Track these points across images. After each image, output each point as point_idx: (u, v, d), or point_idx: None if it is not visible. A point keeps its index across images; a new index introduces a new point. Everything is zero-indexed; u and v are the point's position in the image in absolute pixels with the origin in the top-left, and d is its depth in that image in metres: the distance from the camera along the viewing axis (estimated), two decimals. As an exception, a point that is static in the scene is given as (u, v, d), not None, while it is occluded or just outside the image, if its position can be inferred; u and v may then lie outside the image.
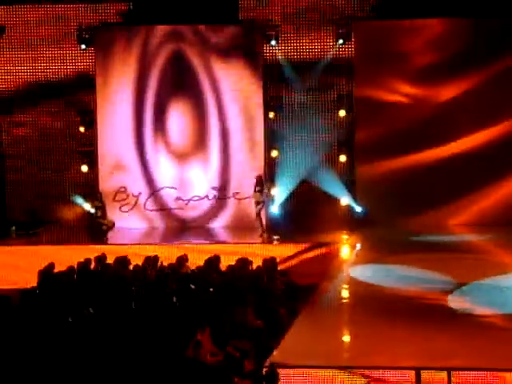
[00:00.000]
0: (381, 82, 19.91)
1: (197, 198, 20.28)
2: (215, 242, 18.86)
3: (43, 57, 20.46)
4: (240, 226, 20.04)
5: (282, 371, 9.57)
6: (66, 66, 20.48)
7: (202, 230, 20.01)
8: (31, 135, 20.83)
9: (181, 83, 20.13)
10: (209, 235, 19.68)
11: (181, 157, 20.32)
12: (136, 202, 20.28)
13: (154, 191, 20.33)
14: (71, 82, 20.48)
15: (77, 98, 20.58)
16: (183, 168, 20.32)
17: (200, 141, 20.26)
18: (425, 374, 10.05)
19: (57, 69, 20.47)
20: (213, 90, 20.08)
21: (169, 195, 20.35)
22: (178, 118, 20.25)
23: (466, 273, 15.07)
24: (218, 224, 20.24)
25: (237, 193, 20.12)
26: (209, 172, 20.26)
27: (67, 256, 16.57)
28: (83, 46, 20.33)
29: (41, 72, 20.49)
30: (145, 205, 20.34)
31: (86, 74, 20.43)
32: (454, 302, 13.58)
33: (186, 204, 20.29)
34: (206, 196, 20.24)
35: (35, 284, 13.72)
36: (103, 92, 20.27)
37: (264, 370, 9.93)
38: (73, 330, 10.79)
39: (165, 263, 15.09)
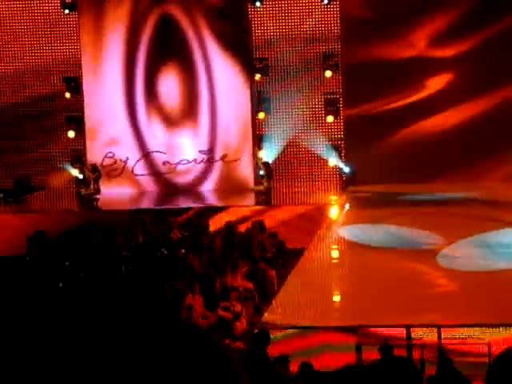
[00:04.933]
0: (368, 42, 19.81)
1: (185, 162, 20.23)
2: (204, 205, 18.85)
3: (26, 23, 20.32)
4: (229, 189, 20.04)
5: (272, 332, 9.60)
6: (50, 30, 20.31)
7: (191, 194, 19.99)
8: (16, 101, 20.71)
9: (169, 46, 19.98)
10: (197, 198, 19.67)
11: (168, 120, 20.24)
12: (124, 167, 20.22)
13: (141, 156, 20.27)
14: (55, 47, 20.33)
15: (62, 64, 20.42)
16: (171, 132, 20.25)
17: (187, 104, 20.17)
18: (415, 331, 10.13)
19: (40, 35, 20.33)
20: (200, 53, 19.96)
21: (157, 159, 20.29)
22: (167, 82, 20.13)
23: (455, 230, 15.13)
24: (207, 187, 20.21)
25: (225, 155, 20.08)
26: (196, 135, 20.20)
27: (56, 222, 16.55)
28: (66, 11, 20.16)
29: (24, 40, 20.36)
30: (133, 170, 20.30)
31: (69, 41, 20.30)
32: (443, 259, 13.65)
33: (174, 168, 20.25)
34: (194, 160, 20.20)
35: (24, 251, 13.72)
36: (88, 57, 20.13)
37: (255, 331, 9.98)
38: (64, 295, 10.81)
39: (154, 228, 15.11)
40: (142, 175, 20.30)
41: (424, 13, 19.47)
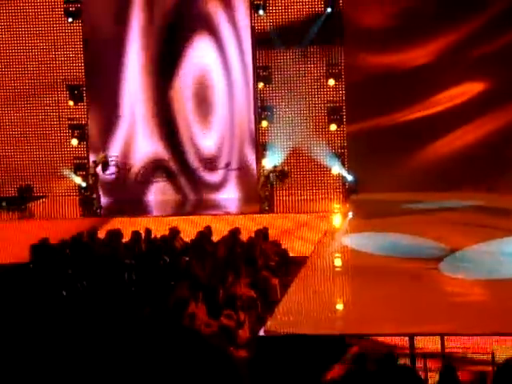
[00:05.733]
0: (371, 50, 19.81)
1: (189, 170, 20.23)
2: (206, 213, 18.84)
3: (30, 31, 20.36)
4: (232, 197, 20.05)
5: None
6: (54, 39, 20.34)
7: (194, 202, 19.99)
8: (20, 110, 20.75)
9: (175, 52, 20.02)
10: (200, 206, 19.66)
11: (171, 128, 20.25)
12: (127, 174, 20.22)
13: (145, 163, 20.27)
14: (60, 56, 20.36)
15: (66, 71, 20.47)
16: (174, 139, 20.25)
17: (191, 112, 20.18)
18: (418, 340, 10.11)
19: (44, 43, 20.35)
20: (206, 62, 19.98)
21: (159, 167, 20.29)
22: (167, 88, 20.15)
23: (458, 239, 15.11)
24: (210, 195, 20.21)
25: (228, 163, 20.09)
26: (199, 143, 20.20)
27: (59, 230, 16.56)
28: (70, 19, 20.20)
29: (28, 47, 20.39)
30: (136, 177, 20.30)
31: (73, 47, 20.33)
32: (446, 268, 13.63)
33: (178, 175, 20.25)
34: (197, 167, 20.21)
35: (28, 259, 13.72)
36: (91, 65, 20.16)
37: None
38: (67, 304, 10.81)
39: (157, 235, 15.09)
40: (144, 182, 20.30)
41: (434, 22, 19.37)
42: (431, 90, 19.70)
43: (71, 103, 20.51)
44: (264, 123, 20.31)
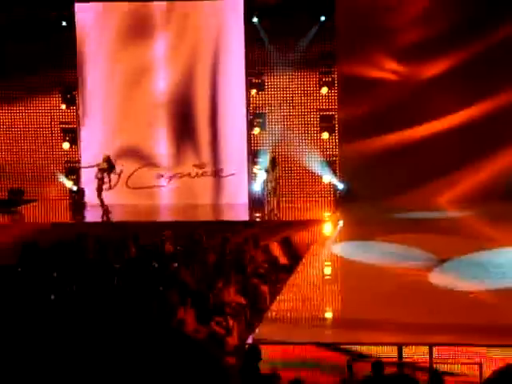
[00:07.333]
0: (364, 59, 19.83)
1: (179, 176, 20.22)
2: (198, 219, 18.81)
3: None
4: (223, 203, 20.04)
5: (264, 348, 9.58)
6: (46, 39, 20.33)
7: (185, 208, 19.96)
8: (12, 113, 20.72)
9: (167, 55, 20.06)
10: (191, 213, 19.63)
11: (162, 134, 20.24)
12: (118, 180, 20.19)
13: (136, 169, 20.25)
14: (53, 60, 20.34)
15: (58, 75, 20.44)
16: (165, 145, 20.24)
17: (183, 118, 20.18)
18: (407, 350, 10.11)
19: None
20: (198, 68, 20.01)
21: (151, 172, 20.26)
22: (162, 94, 20.15)
23: (448, 249, 15.12)
24: (201, 201, 20.19)
25: (221, 170, 20.08)
26: (191, 149, 20.19)
27: (49, 233, 16.52)
28: (64, 23, 20.19)
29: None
30: (127, 182, 20.26)
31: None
32: (436, 277, 13.64)
33: (169, 181, 20.24)
34: (189, 173, 20.19)
35: (16, 261, 13.67)
36: (84, 69, 20.15)
37: (246, 346, 9.95)
38: (55, 308, 10.76)
39: (147, 241, 15.06)
40: (135, 188, 20.27)
41: (432, 34, 19.35)
42: (424, 101, 19.72)
43: (63, 107, 20.48)
44: (256, 130, 20.31)
